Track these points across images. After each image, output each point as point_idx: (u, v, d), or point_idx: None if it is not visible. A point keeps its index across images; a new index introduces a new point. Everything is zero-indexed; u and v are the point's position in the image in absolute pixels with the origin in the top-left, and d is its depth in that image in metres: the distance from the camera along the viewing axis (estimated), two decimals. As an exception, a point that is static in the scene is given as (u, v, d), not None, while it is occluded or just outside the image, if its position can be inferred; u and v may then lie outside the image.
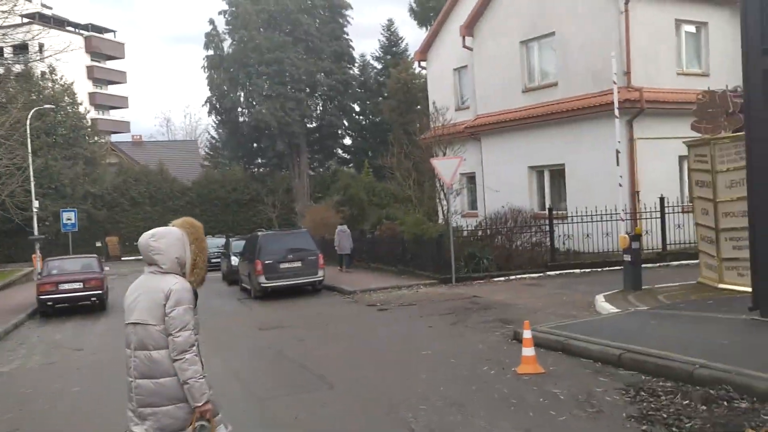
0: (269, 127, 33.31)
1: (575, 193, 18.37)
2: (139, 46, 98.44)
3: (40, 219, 30.86)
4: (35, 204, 27.20)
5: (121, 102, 67.80)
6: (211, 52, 35.74)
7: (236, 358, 9.59)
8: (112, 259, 34.96)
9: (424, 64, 26.83)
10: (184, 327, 3.56)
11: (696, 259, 15.14)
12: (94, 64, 63.13)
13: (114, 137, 58.55)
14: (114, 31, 66.76)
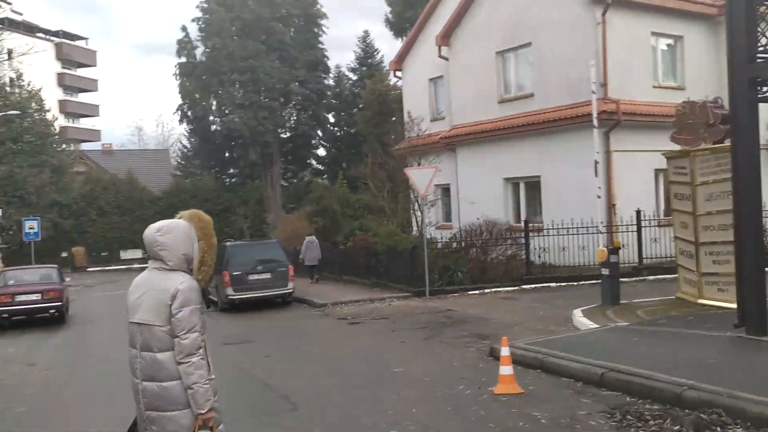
0: (242, 136, 32.67)
1: (551, 206, 18.12)
2: (112, 55, 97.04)
3: (3, 228, 29.77)
4: (-3, 212, 26.17)
5: (92, 110, 66.47)
6: (183, 60, 35.04)
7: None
8: (78, 270, 33.91)
9: (399, 74, 26.52)
10: (192, 329, 3.40)
11: (673, 274, 14.94)
12: (65, 72, 61.82)
13: (84, 146, 57.24)
14: (86, 39, 65.60)
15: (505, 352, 7.05)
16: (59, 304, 15.30)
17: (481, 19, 20.55)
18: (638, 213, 16.39)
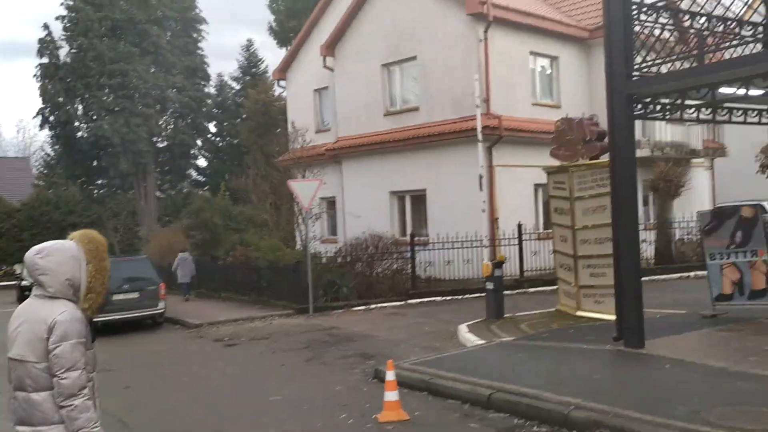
0: (112, 144, 30.41)
1: (436, 219, 18.12)
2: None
3: None
4: None
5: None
6: (45, 60, 32.17)
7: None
8: None
9: (283, 83, 25.80)
10: (72, 366, 2.98)
11: (552, 285, 15.32)
12: None
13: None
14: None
15: (390, 376, 6.59)
16: None
17: (367, 30, 20.35)
18: (519, 227, 16.70)
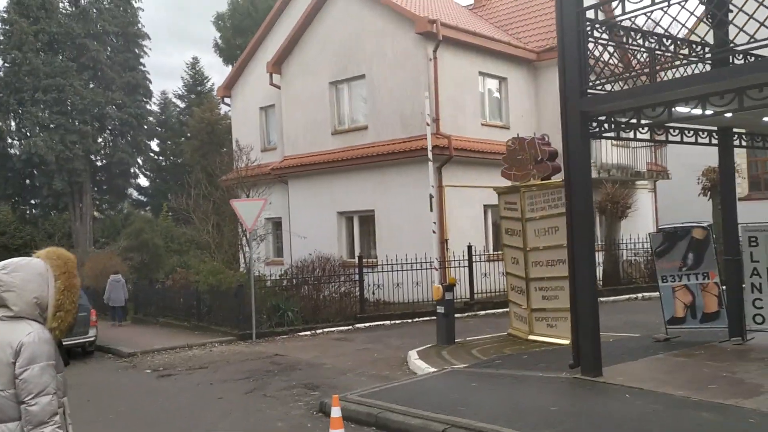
0: (46, 162, 28.93)
1: (385, 241, 17.70)
2: None
3: None
4: None
5: None
6: (-25, 73, 30.48)
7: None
8: None
9: (228, 100, 25.09)
10: (42, 392, 2.78)
11: (502, 308, 15.08)
12: None
13: None
14: None
15: (336, 413, 6.05)
16: None
17: (315, 47, 19.94)
18: (470, 248, 16.43)
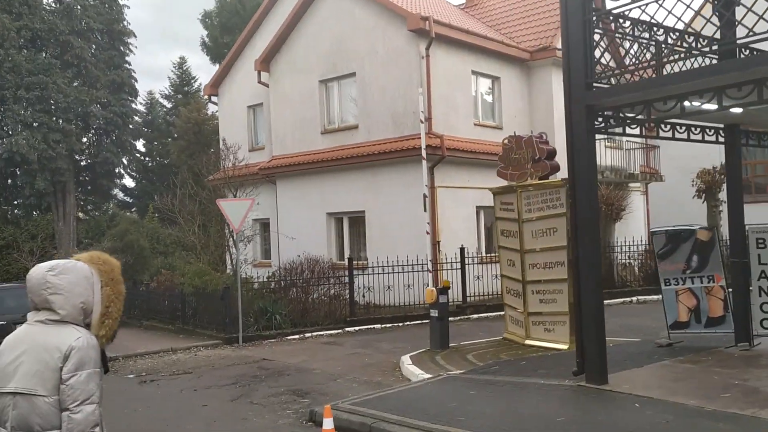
0: (28, 161, 28.25)
1: (376, 242, 17.30)
2: None
3: None
4: None
5: None
6: (-44, 70, 29.75)
7: None
8: None
9: (215, 99, 24.61)
10: (87, 399, 2.66)
11: (495, 311, 14.75)
12: None
13: None
14: None
15: (328, 424, 5.65)
16: None
17: (304, 45, 19.52)
18: (462, 250, 16.09)
